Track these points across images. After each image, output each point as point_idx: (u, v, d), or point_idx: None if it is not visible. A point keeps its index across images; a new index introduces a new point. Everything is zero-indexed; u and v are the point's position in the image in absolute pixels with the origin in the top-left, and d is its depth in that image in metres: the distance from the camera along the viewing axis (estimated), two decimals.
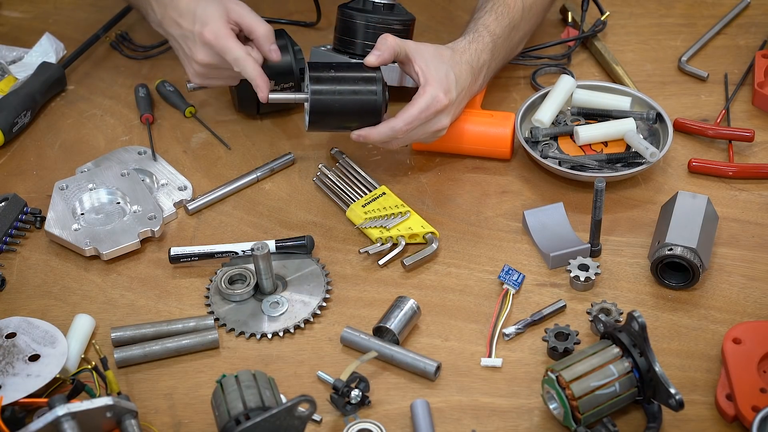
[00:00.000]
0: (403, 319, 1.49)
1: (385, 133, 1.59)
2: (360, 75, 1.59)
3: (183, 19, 1.64)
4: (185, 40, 1.65)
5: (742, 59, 1.89)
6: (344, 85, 1.58)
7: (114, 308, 1.55)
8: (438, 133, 1.64)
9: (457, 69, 1.63)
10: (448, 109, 1.61)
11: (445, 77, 1.61)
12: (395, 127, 1.59)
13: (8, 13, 2.05)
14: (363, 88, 1.58)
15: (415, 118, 1.59)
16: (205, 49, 1.63)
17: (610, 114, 1.75)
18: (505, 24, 1.71)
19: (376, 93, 1.58)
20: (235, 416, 1.31)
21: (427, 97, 1.59)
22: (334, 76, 1.59)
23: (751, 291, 1.55)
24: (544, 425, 1.40)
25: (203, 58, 1.64)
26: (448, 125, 1.64)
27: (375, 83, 1.59)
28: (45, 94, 1.83)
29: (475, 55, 1.66)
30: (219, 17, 1.62)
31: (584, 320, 1.52)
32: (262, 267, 1.53)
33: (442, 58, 1.63)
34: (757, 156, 1.74)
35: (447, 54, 1.64)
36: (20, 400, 1.37)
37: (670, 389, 1.34)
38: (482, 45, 1.68)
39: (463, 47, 1.66)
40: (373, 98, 1.58)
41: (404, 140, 1.62)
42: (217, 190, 1.70)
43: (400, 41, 1.62)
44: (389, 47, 1.60)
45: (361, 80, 1.59)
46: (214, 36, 1.61)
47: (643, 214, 1.65)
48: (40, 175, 1.74)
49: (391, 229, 1.61)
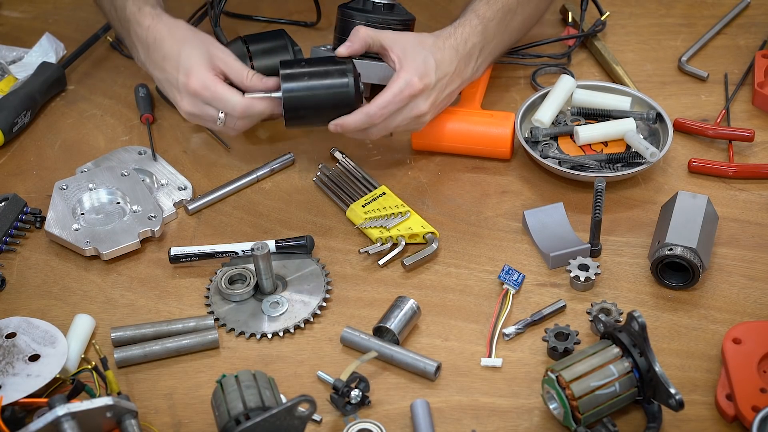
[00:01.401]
0: (403, 319, 1.49)
1: (361, 120, 1.58)
2: (331, 68, 1.59)
3: (167, 63, 1.61)
4: (170, 86, 1.62)
5: (742, 59, 1.89)
6: (316, 80, 1.58)
7: (114, 308, 1.55)
8: (419, 119, 1.62)
9: (439, 54, 1.62)
10: (425, 93, 1.60)
11: (423, 63, 1.59)
12: (369, 112, 1.57)
13: (8, 13, 2.04)
14: (335, 82, 1.58)
15: (389, 102, 1.57)
16: (191, 99, 1.59)
17: (610, 114, 1.75)
18: (498, 7, 1.69)
19: (348, 85, 1.58)
20: (235, 416, 1.31)
21: (400, 82, 1.58)
22: (305, 71, 1.59)
23: (751, 291, 1.55)
24: (544, 425, 1.40)
25: (189, 108, 1.60)
26: (427, 110, 1.62)
27: (346, 75, 1.58)
28: (45, 94, 1.83)
29: (461, 38, 1.65)
30: (203, 64, 1.58)
31: (584, 320, 1.52)
32: (262, 267, 1.53)
33: (423, 45, 1.61)
34: (757, 156, 1.74)
35: (429, 41, 1.63)
36: (20, 400, 1.37)
37: (670, 389, 1.34)
38: (470, 28, 1.66)
39: (447, 33, 1.65)
40: (345, 90, 1.58)
41: (383, 128, 1.61)
42: (217, 190, 1.70)
43: (374, 32, 1.61)
44: (360, 38, 1.60)
45: (333, 73, 1.58)
46: (201, 86, 1.57)
47: (643, 214, 1.65)
48: (40, 175, 1.74)
49: (391, 229, 1.61)
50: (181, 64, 1.59)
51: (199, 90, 1.58)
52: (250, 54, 1.71)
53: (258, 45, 1.73)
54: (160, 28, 1.62)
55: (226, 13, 1.97)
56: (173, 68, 1.60)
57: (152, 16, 1.64)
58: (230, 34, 1.89)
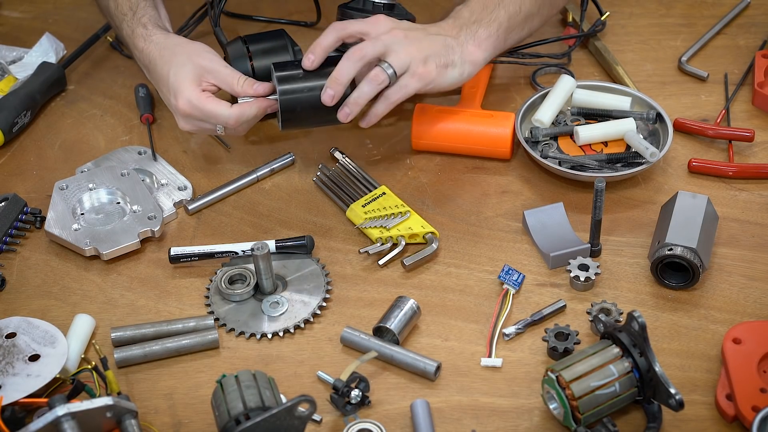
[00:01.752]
0: (403, 319, 1.49)
1: (344, 64, 1.56)
2: (327, 70, 1.59)
3: (161, 84, 1.63)
4: (167, 101, 1.64)
5: (742, 59, 1.89)
6: (311, 81, 1.59)
7: (114, 308, 1.55)
8: (411, 77, 1.58)
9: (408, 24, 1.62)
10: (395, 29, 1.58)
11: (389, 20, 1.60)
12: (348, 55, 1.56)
13: (8, 13, 2.05)
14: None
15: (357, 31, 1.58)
16: (185, 119, 1.61)
17: (610, 114, 1.75)
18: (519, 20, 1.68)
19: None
20: (235, 416, 1.31)
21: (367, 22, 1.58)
22: (300, 73, 1.59)
23: (751, 291, 1.55)
24: (544, 425, 1.40)
25: (186, 127, 1.62)
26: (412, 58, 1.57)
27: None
28: (45, 94, 1.83)
29: (469, 20, 1.63)
30: (190, 82, 1.59)
31: (584, 320, 1.52)
32: (262, 267, 1.53)
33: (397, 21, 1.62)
34: (757, 156, 1.74)
35: (405, 23, 1.63)
36: (20, 400, 1.37)
37: (670, 389, 1.34)
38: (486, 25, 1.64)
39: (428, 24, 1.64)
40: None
41: (384, 99, 1.59)
42: (217, 190, 1.70)
43: (346, 23, 1.60)
44: (333, 31, 1.60)
45: (326, 74, 1.58)
46: (189, 106, 1.58)
47: (643, 214, 1.65)
48: (40, 175, 1.74)
49: (391, 229, 1.61)
50: (170, 86, 1.61)
51: (189, 110, 1.59)
52: (250, 54, 1.71)
53: (258, 45, 1.72)
54: (151, 50, 1.65)
55: (226, 13, 1.97)
56: (166, 89, 1.62)
57: (143, 38, 1.66)
58: (230, 34, 1.89)
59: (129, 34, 1.68)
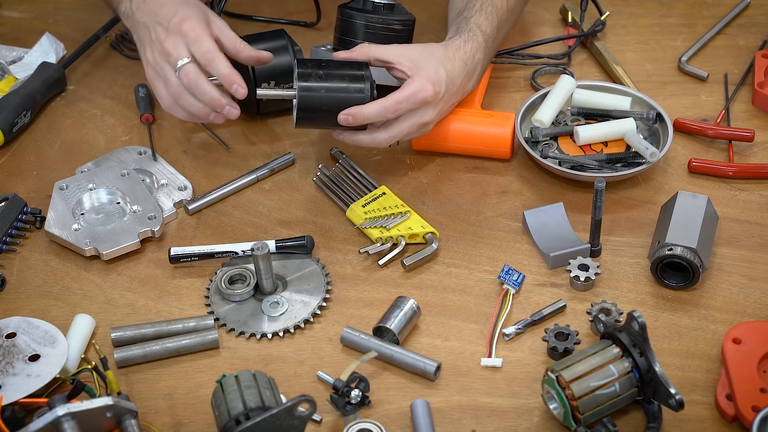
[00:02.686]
0: (403, 319, 1.49)
1: (375, 111, 1.57)
2: (348, 73, 1.59)
3: (163, 9, 1.62)
4: (157, 26, 1.61)
5: (742, 59, 1.89)
6: (332, 82, 1.58)
7: (114, 308, 1.55)
8: (424, 127, 1.63)
9: (450, 65, 1.63)
10: (435, 101, 1.60)
11: (435, 71, 1.60)
12: (386, 105, 1.57)
13: (8, 13, 2.05)
14: (351, 86, 1.58)
15: (404, 99, 1.57)
16: (176, 38, 1.59)
17: (610, 114, 1.75)
18: (495, 24, 1.71)
19: (363, 91, 1.58)
20: (235, 416, 1.31)
21: (415, 85, 1.58)
22: (322, 73, 1.58)
23: (751, 291, 1.55)
24: (544, 425, 1.40)
25: (169, 46, 1.59)
26: (434, 119, 1.63)
27: (363, 81, 1.58)
28: (45, 94, 1.83)
29: (470, 53, 1.66)
30: (201, 18, 1.60)
31: (584, 320, 1.52)
32: (262, 267, 1.53)
33: (433, 55, 1.62)
34: (757, 156, 1.74)
35: (438, 51, 1.63)
36: (20, 400, 1.37)
37: (670, 389, 1.34)
38: (476, 44, 1.67)
39: (457, 45, 1.66)
40: (360, 96, 1.58)
41: (392, 130, 1.60)
42: (217, 190, 1.70)
43: (375, 48, 1.61)
44: (362, 52, 1.61)
45: (349, 78, 1.58)
46: (191, 27, 1.58)
47: (643, 214, 1.65)
48: (40, 175, 1.74)
49: (391, 229, 1.61)
50: (179, 11, 1.60)
51: (187, 30, 1.58)
52: None
53: (258, 45, 1.72)
54: None
55: (226, 13, 1.97)
56: (169, 13, 1.61)
57: None
58: None
59: None
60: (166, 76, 1.60)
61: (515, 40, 1.90)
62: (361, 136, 1.62)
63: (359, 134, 1.61)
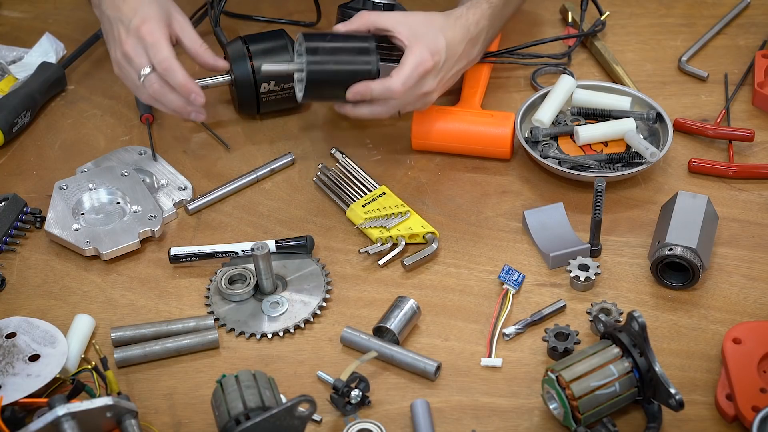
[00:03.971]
0: (403, 319, 1.49)
1: (381, 90, 1.57)
2: (354, 45, 1.59)
3: (125, 5, 1.62)
4: (119, 23, 1.62)
5: (742, 59, 1.89)
6: (339, 55, 1.58)
7: (114, 308, 1.55)
8: (425, 97, 1.62)
9: (450, 33, 1.62)
10: (435, 70, 1.60)
11: (433, 40, 1.59)
12: (391, 86, 1.57)
13: (8, 13, 2.04)
14: (357, 59, 1.58)
15: (408, 76, 1.57)
16: (135, 40, 1.59)
17: (610, 114, 1.75)
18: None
19: (370, 63, 1.58)
20: (235, 416, 1.31)
21: (414, 57, 1.58)
22: (328, 47, 1.59)
23: (751, 291, 1.55)
24: (544, 425, 1.40)
25: (128, 49, 1.60)
26: (435, 89, 1.62)
27: (369, 53, 1.59)
28: (45, 94, 1.83)
29: (473, 20, 1.65)
30: (161, 19, 1.60)
31: (584, 320, 1.52)
32: (262, 267, 1.53)
33: (432, 23, 1.62)
34: (757, 156, 1.74)
35: (439, 19, 1.63)
36: (20, 400, 1.37)
37: (670, 389, 1.34)
38: (480, 12, 1.66)
39: (459, 13, 1.65)
40: (367, 68, 1.58)
41: (395, 105, 1.60)
42: (217, 190, 1.70)
43: (377, 16, 1.61)
44: (361, 21, 1.61)
45: (356, 50, 1.59)
46: (148, 32, 1.58)
47: (643, 214, 1.65)
48: (40, 175, 1.74)
49: (391, 229, 1.61)
50: (140, 10, 1.60)
51: (145, 34, 1.58)
52: (250, 54, 1.72)
53: (258, 45, 1.73)
54: None
55: (226, 13, 1.97)
56: (131, 11, 1.61)
57: None
58: (230, 34, 1.90)
59: None
60: (134, 82, 1.62)
61: (515, 40, 1.90)
62: (363, 110, 1.61)
63: (361, 108, 1.61)
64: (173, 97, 1.60)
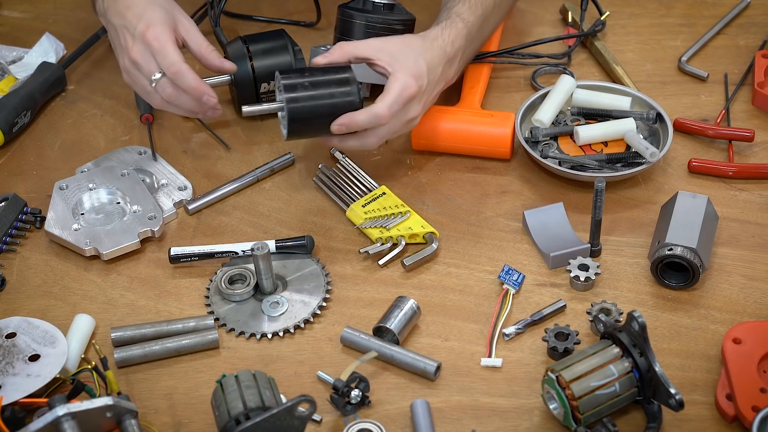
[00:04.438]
0: (403, 319, 1.49)
1: (368, 118, 1.56)
2: (333, 78, 1.57)
3: (129, 12, 1.61)
4: (124, 30, 1.61)
5: (742, 59, 1.89)
6: (319, 89, 1.56)
7: (114, 308, 1.55)
8: (411, 122, 1.62)
9: (429, 55, 1.61)
10: (419, 95, 1.60)
11: (414, 64, 1.59)
12: (378, 112, 1.56)
13: (8, 13, 2.05)
14: (338, 90, 1.56)
15: (394, 102, 1.56)
16: (142, 46, 1.59)
17: (610, 114, 1.75)
18: (478, 13, 1.69)
19: (351, 94, 1.56)
20: (235, 416, 1.31)
21: (398, 84, 1.57)
22: (307, 82, 1.56)
23: (751, 291, 1.55)
24: (544, 425, 1.40)
25: (136, 55, 1.59)
26: (420, 113, 1.62)
27: (350, 84, 1.57)
28: (45, 94, 1.83)
29: (449, 41, 1.65)
30: (166, 23, 1.59)
31: (584, 320, 1.52)
32: (262, 267, 1.53)
33: (411, 48, 1.61)
34: (757, 156, 1.74)
35: (416, 43, 1.62)
36: (20, 400, 1.37)
37: (670, 389, 1.34)
38: (456, 31, 1.66)
39: (435, 34, 1.64)
40: (349, 99, 1.56)
41: (381, 133, 1.59)
42: (217, 190, 1.70)
43: (354, 46, 1.60)
44: (341, 52, 1.60)
45: (335, 82, 1.57)
46: (154, 37, 1.57)
47: (643, 214, 1.65)
48: (40, 175, 1.74)
49: (391, 229, 1.61)
50: (144, 16, 1.59)
51: (151, 40, 1.57)
52: (250, 54, 1.72)
53: (258, 45, 1.73)
54: None
55: (226, 13, 1.97)
56: (135, 17, 1.60)
57: None
58: (230, 34, 1.90)
59: None
60: (144, 88, 1.61)
61: (515, 40, 1.91)
62: (351, 141, 1.61)
63: (348, 139, 1.60)
64: (187, 98, 1.60)
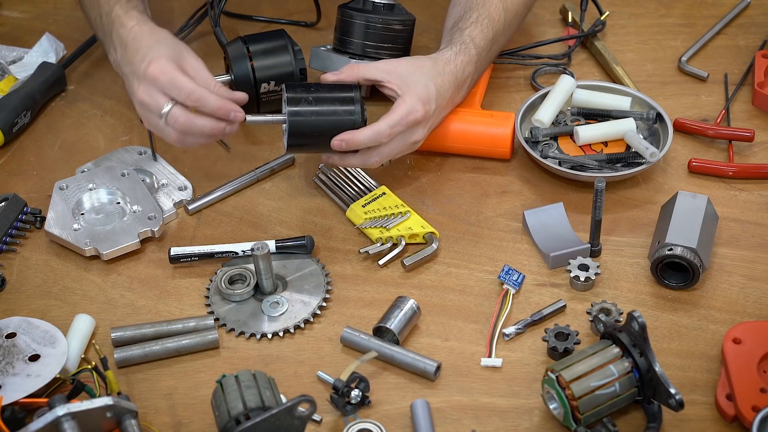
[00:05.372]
0: (403, 319, 1.49)
1: (369, 136, 1.56)
2: (338, 96, 1.58)
3: (136, 56, 1.58)
4: (132, 77, 1.58)
5: (742, 59, 1.89)
6: (322, 105, 1.57)
7: (114, 308, 1.55)
8: (414, 145, 1.62)
9: (440, 80, 1.61)
10: (425, 120, 1.60)
11: (424, 89, 1.59)
12: (379, 130, 1.56)
13: (8, 13, 2.05)
14: (341, 109, 1.57)
15: (397, 123, 1.56)
16: (147, 85, 1.54)
17: (610, 114, 1.75)
18: (489, 38, 1.69)
19: (353, 113, 1.57)
20: (235, 416, 1.31)
21: (405, 106, 1.57)
22: (311, 98, 1.57)
23: (751, 291, 1.55)
24: (544, 425, 1.40)
25: (142, 95, 1.55)
26: (423, 136, 1.62)
27: (353, 103, 1.57)
28: (45, 94, 1.83)
29: (461, 67, 1.65)
30: (169, 57, 1.55)
31: (584, 320, 1.52)
32: (262, 267, 1.53)
33: (422, 71, 1.61)
34: (757, 156, 1.74)
35: (427, 65, 1.62)
36: (20, 400, 1.37)
37: (670, 389, 1.34)
38: (468, 57, 1.66)
39: (447, 58, 1.64)
40: (350, 119, 1.57)
41: (384, 152, 1.59)
42: (217, 190, 1.70)
43: (364, 68, 1.60)
44: (351, 73, 1.60)
45: (339, 101, 1.57)
46: (160, 72, 1.53)
47: (643, 214, 1.65)
48: (40, 175, 1.74)
49: (391, 229, 1.61)
50: (148, 54, 1.56)
51: (157, 75, 1.53)
52: (250, 54, 1.72)
53: (258, 45, 1.73)
54: (143, 29, 1.60)
55: (226, 13, 1.97)
56: (140, 59, 1.56)
57: (138, 20, 1.62)
58: (230, 34, 1.90)
59: (121, 14, 1.62)
60: (157, 126, 1.57)
61: (515, 40, 1.90)
62: (352, 159, 1.61)
63: (349, 157, 1.60)
64: (203, 122, 1.54)
